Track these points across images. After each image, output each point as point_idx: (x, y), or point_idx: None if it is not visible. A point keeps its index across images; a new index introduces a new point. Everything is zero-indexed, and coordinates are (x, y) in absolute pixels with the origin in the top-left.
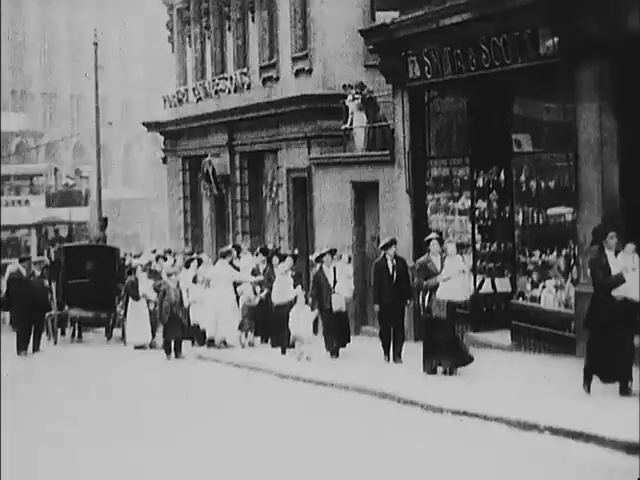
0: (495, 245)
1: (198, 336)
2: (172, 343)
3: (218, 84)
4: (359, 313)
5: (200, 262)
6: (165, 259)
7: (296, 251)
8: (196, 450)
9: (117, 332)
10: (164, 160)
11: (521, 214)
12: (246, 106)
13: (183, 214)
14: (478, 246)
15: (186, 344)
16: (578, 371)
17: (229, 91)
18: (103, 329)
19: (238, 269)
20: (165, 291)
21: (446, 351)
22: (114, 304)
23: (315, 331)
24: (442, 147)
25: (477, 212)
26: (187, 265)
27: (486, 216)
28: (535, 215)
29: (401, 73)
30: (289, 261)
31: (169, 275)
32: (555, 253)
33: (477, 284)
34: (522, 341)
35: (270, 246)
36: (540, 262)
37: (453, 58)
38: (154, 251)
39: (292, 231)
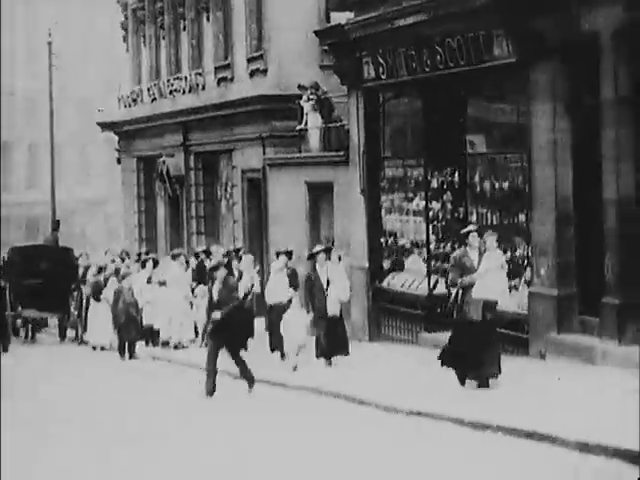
0: (449, 246)
1: (152, 337)
2: (126, 344)
3: (173, 84)
4: None
5: (156, 263)
6: (123, 260)
7: (290, 247)
8: (143, 446)
9: (71, 333)
10: (118, 160)
11: (475, 214)
12: (201, 106)
13: (137, 214)
14: (432, 246)
15: (141, 345)
16: (530, 370)
17: (184, 91)
18: (57, 330)
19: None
20: (120, 292)
21: (477, 359)
22: (68, 305)
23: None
24: (396, 148)
25: (431, 213)
26: (143, 265)
27: (440, 217)
28: (489, 215)
29: (356, 74)
30: (283, 258)
31: (124, 276)
32: (509, 254)
33: (431, 285)
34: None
35: (231, 247)
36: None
37: (408, 59)
38: (106, 252)
39: (247, 231)
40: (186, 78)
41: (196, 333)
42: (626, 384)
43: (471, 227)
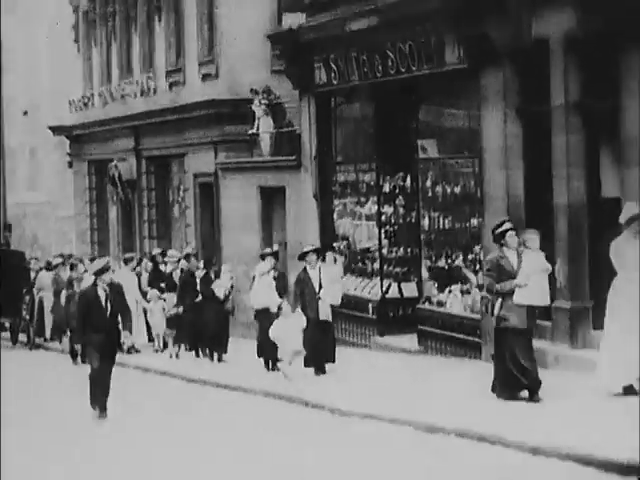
0: (401, 250)
1: None
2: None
3: (124, 88)
4: None
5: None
6: (73, 266)
7: (275, 247)
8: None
9: (22, 337)
10: (70, 164)
11: (427, 219)
12: (152, 110)
13: (89, 218)
14: (385, 251)
15: None
16: (483, 375)
17: (135, 95)
18: (8, 334)
19: (163, 275)
20: (72, 296)
21: (524, 370)
22: (20, 309)
23: None
24: (348, 152)
25: (383, 217)
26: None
27: (392, 221)
28: (441, 220)
29: (307, 78)
30: (270, 260)
31: (76, 280)
32: (461, 258)
33: (384, 289)
34: (429, 345)
35: (190, 249)
36: (446, 267)
37: (359, 64)
38: (61, 255)
39: (199, 235)
40: (137, 82)
41: (150, 337)
42: (578, 387)
43: (507, 225)
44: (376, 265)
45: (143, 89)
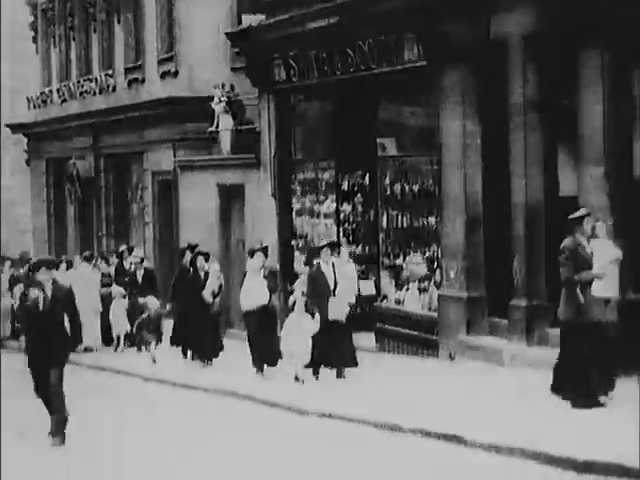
0: (360, 248)
1: None
2: None
3: (83, 85)
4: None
5: (70, 264)
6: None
7: (264, 243)
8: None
9: None
10: (27, 162)
11: (386, 217)
12: (111, 108)
13: (47, 217)
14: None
15: None
16: (440, 373)
17: (94, 93)
18: None
19: (128, 272)
20: (26, 295)
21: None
22: None
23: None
24: (308, 150)
25: (342, 215)
26: (57, 267)
27: (351, 219)
28: (400, 218)
29: (267, 76)
30: (260, 257)
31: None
32: (419, 256)
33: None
34: (386, 344)
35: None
36: (404, 265)
37: (319, 62)
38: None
39: (157, 233)
40: (96, 79)
41: (110, 336)
42: (534, 385)
43: (584, 211)
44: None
45: (102, 87)
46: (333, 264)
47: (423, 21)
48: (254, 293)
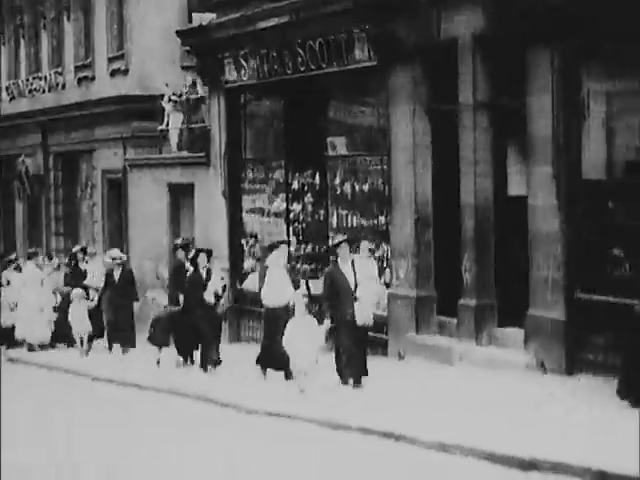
0: (310, 247)
1: (8, 338)
2: None
3: (32, 83)
4: None
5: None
6: None
7: (286, 238)
8: None
9: None
10: None
11: (335, 216)
12: (61, 106)
13: None
14: (293, 248)
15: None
16: (388, 371)
17: (43, 90)
18: None
19: (85, 274)
20: None
21: None
22: None
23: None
24: (258, 149)
25: (292, 214)
26: (5, 267)
27: (301, 218)
28: (349, 217)
29: (217, 75)
30: (282, 250)
31: None
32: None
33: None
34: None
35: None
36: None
37: (269, 61)
38: None
39: (107, 232)
40: (46, 77)
41: (68, 338)
42: (482, 384)
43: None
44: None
45: (51, 84)
46: (353, 262)
47: (373, 21)
48: (278, 289)
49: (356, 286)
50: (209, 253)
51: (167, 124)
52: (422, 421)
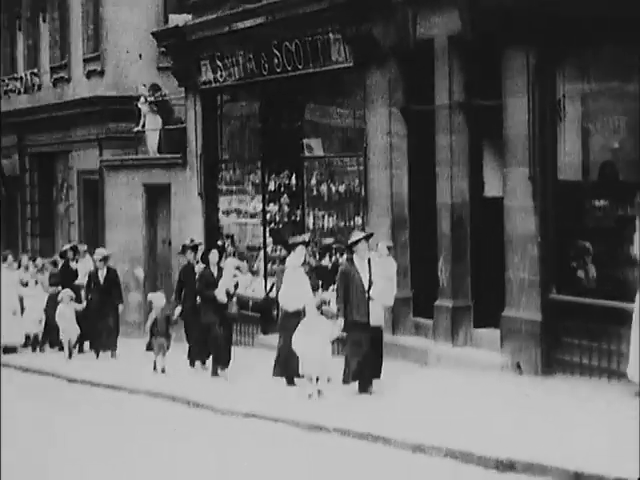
0: (285, 249)
1: None
2: None
3: (8, 84)
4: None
5: None
6: None
7: (306, 237)
8: None
9: None
10: None
11: (312, 217)
12: (37, 107)
13: None
14: (269, 249)
15: None
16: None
17: (19, 92)
18: None
19: (76, 273)
20: None
21: None
22: None
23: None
24: (234, 150)
25: (268, 215)
26: None
27: (277, 219)
28: (326, 218)
29: (193, 76)
30: (301, 251)
31: None
32: (345, 256)
33: (268, 287)
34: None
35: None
36: (331, 265)
37: (245, 62)
38: None
39: (83, 233)
40: (22, 78)
41: (54, 340)
42: (459, 385)
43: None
44: (260, 263)
45: (27, 85)
46: (369, 260)
47: (349, 22)
48: (296, 292)
49: (370, 285)
50: (221, 250)
51: (143, 125)
52: (397, 422)
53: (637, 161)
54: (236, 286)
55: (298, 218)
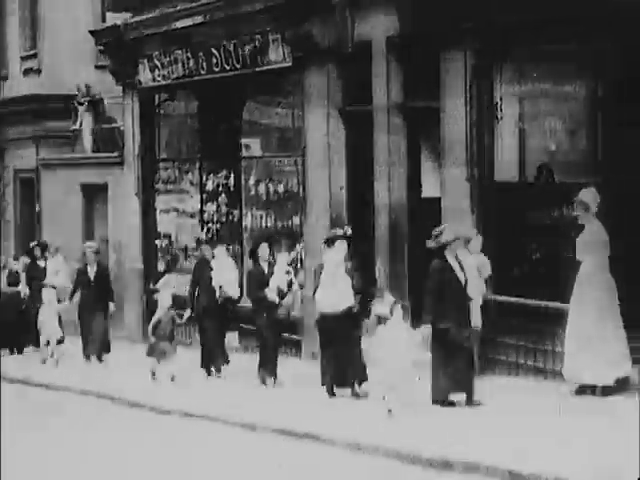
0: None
1: None
2: None
3: None
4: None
5: None
6: None
7: (349, 230)
8: None
9: None
10: None
11: (250, 217)
12: None
13: None
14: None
15: None
16: (300, 371)
17: None
18: None
19: (44, 271)
20: None
21: None
22: None
23: None
24: (172, 150)
25: (206, 215)
26: None
27: (215, 219)
28: (264, 218)
29: (131, 75)
30: (342, 246)
31: None
32: (284, 256)
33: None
34: (249, 343)
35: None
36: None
37: (183, 61)
38: None
39: (19, 232)
40: None
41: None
42: None
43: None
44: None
45: None
46: (456, 256)
47: (288, 22)
48: (335, 292)
49: (466, 284)
50: (271, 242)
51: (80, 124)
52: (331, 420)
53: (573, 162)
54: (290, 284)
55: (236, 218)
